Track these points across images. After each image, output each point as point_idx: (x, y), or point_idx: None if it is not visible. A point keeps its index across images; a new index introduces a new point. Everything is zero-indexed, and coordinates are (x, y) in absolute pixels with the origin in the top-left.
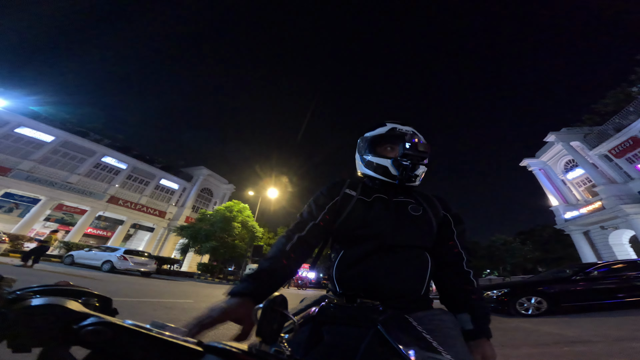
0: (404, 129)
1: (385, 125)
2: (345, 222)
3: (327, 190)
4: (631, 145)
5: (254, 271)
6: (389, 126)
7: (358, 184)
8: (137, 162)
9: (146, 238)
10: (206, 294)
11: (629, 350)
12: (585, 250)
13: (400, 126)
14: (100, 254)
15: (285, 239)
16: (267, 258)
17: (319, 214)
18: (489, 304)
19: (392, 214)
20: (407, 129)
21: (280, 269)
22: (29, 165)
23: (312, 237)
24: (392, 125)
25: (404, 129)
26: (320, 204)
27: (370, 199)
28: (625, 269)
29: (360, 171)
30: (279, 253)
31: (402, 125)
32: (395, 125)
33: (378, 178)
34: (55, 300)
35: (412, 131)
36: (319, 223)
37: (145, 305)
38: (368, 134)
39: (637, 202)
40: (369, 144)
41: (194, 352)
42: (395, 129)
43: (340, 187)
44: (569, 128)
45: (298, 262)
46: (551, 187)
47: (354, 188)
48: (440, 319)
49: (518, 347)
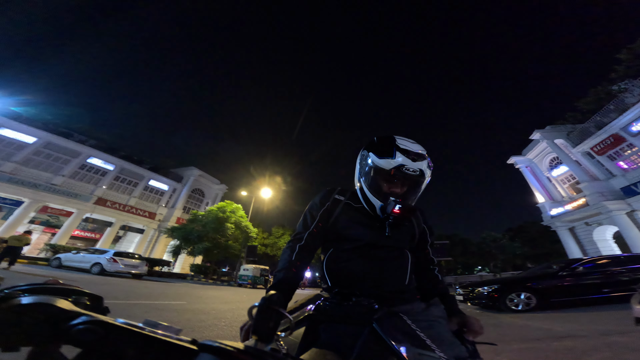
0: (412, 167)
1: (394, 156)
2: (334, 224)
3: (319, 200)
4: (612, 142)
5: (273, 283)
6: (398, 160)
7: (347, 191)
8: (125, 163)
9: (136, 240)
10: (199, 296)
11: (615, 345)
12: (571, 246)
13: (411, 163)
14: (89, 257)
15: (289, 250)
16: (279, 270)
17: (313, 222)
18: (480, 300)
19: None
20: (415, 168)
21: (292, 276)
22: (11, 166)
23: (311, 243)
24: (401, 161)
25: (411, 169)
26: (314, 214)
27: (358, 205)
28: (610, 264)
29: (355, 187)
30: (288, 264)
31: (412, 162)
32: (406, 163)
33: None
34: (45, 299)
35: (419, 170)
36: (313, 230)
37: (137, 308)
38: (373, 158)
39: (619, 199)
40: (370, 172)
41: (188, 350)
42: (403, 168)
43: (330, 194)
44: (553, 126)
45: (304, 267)
46: (537, 184)
47: (343, 194)
48: (429, 310)
49: (509, 342)
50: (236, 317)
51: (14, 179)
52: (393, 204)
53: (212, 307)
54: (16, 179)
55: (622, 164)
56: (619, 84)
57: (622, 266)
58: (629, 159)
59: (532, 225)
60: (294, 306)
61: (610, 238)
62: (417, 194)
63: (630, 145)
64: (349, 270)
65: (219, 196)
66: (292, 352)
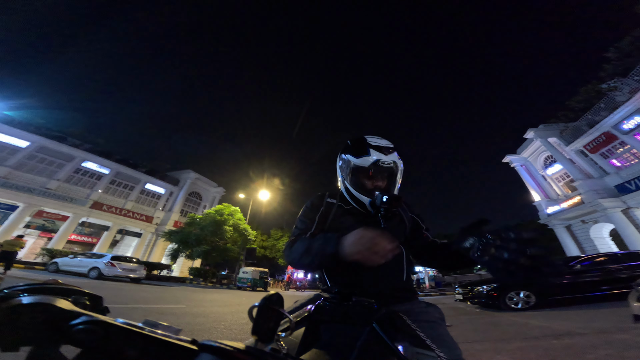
0: (386, 160)
1: (369, 154)
2: (330, 227)
3: (312, 204)
4: (604, 140)
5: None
6: (373, 157)
7: (337, 194)
8: (121, 166)
9: (134, 244)
10: (199, 299)
11: (614, 342)
12: (568, 244)
13: (384, 157)
14: (87, 261)
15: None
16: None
17: (312, 224)
18: (479, 299)
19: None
20: (389, 161)
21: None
22: (4, 171)
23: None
24: (376, 157)
25: (386, 162)
26: (311, 216)
27: (349, 206)
28: (607, 262)
29: (341, 190)
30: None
31: (385, 156)
32: (380, 157)
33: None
34: (45, 299)
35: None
36: (315, 232)
37: (136, 312)
38: (351, 159)
39: (614, 197)
40: (351, 172)
41: (189, 350)
42: (379, 162)
43: (323, 198)
44: (546, 124)
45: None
46: (533, 183)
47: (334, 197)
48: (428, 311)
49: (509, 341)
50: (236, 320)
51: (8, 184)
52: (380, 196)
53: (211, 310)
54: (10, 184)
55: (615, 161)
56: (609, 82)
57: (620, 263)
58: (621, 157)
59: (528, 223)
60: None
61: (607, 235)
62: (397, 184)
63: (622, 143)
64: (348, 270)
65: (217, 199)
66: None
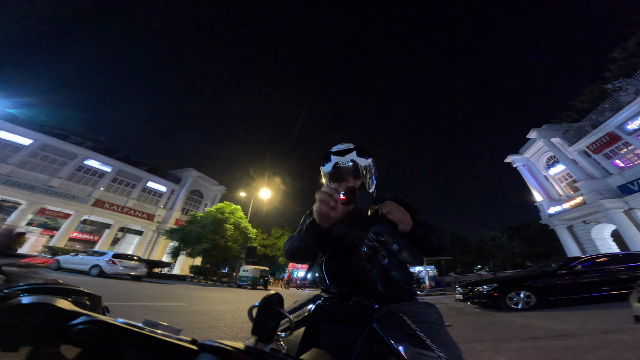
0: (343, 161)
1: (330, 159)
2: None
3: (309, 212)
4: (608, 141)
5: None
6: (332, 161)
7: None
8: (123, 164)
9: (135, 241)
10: (199, 297)
11: (614, 343)
12: (570, 245)
13: (341, 158)
14: (88, 259)
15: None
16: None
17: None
18: (479, 299)
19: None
20: (346, 161)
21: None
22: (7, 169)
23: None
24: (335, 161)
25: (342, 163)
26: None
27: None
28: (608, 262)
29: None
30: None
31: (342, 157)
32: (338, 160)
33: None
34: (45, 299)
35: (350, 164)
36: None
37: (137, 309)
38: (322, 168)
39: (616, 197)
40: (326, 180)
41: (189, 350)
42: (338, 164)
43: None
44: (549, 125)
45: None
46: (535, 183)
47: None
48: (427, 311)
49: (509, 341)
50: (236, 319)
51: (11, 181)
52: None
53: (211, 308)
54: (13, 181)
55: (619, 162)
56: (614, 83)
57: (621, 264)
58: (625, 157)
59: (530, 224)
60: (293, 306)
61: (608, 236)
62: (368, 179)
63: (625, 143)
64: (347, 270)
65: (218, 197)
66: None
